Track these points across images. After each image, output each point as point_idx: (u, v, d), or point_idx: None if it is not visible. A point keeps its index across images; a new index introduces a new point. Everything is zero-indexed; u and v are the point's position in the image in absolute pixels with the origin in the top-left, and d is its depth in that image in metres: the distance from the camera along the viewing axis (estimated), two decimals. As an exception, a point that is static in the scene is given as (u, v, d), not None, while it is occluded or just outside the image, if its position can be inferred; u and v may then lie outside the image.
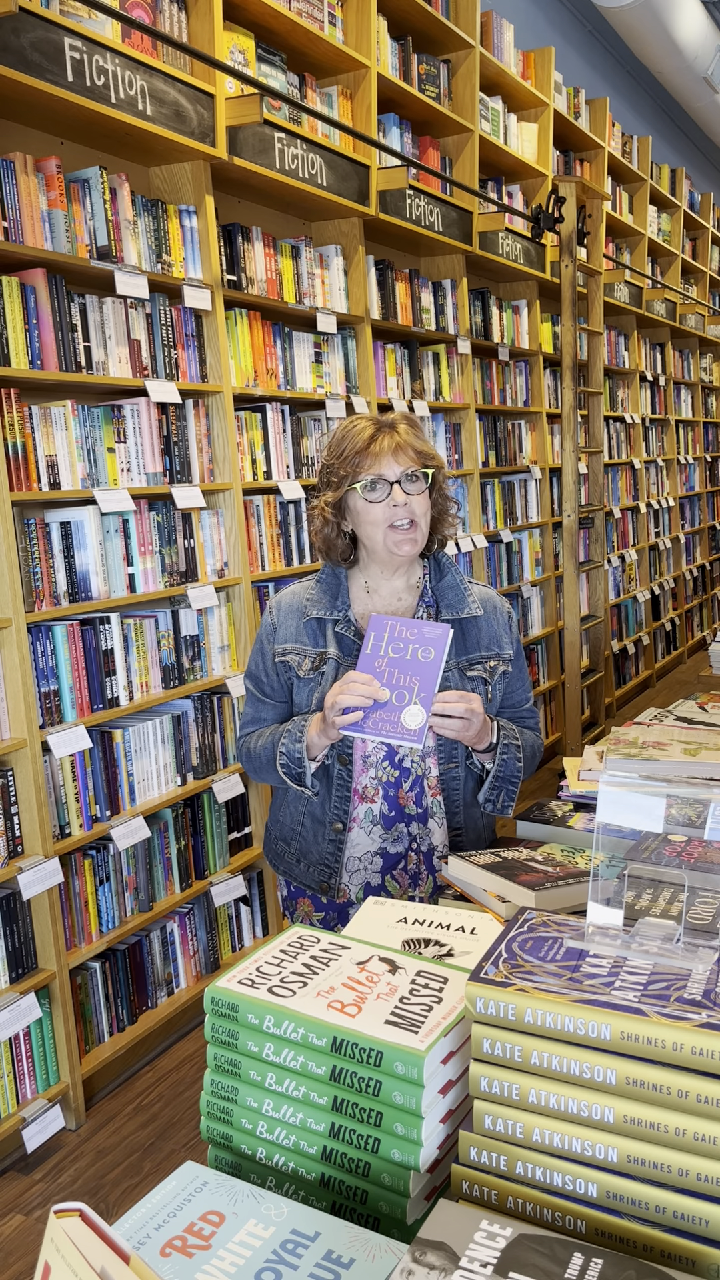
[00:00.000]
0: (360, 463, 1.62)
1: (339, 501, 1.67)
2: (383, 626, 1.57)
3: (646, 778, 0.95)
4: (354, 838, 1.69)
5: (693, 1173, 0.76)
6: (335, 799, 1.67)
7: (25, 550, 2.34)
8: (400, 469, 1.62)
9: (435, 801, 1.68)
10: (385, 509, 1.62)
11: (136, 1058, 2.75)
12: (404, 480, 1.62)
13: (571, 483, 4.59)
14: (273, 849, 1.83)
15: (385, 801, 1.67)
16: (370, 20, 3.49)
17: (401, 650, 1.54)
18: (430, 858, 1.69)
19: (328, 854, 1.70)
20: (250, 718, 1.79)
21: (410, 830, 1.68)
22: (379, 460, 1.62)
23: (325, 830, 1.69)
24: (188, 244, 2.89)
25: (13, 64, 2.18)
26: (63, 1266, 0.61)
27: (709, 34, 6.50)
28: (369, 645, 1.57)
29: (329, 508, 1.68)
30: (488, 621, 1.73)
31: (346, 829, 1.68)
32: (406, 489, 1.62)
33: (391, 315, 3.90)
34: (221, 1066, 0.96)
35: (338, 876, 1.70)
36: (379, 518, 1.63)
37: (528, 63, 4.90)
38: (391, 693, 1.53)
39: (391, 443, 1.62)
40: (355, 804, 1.68)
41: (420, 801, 1.68)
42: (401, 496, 1.61)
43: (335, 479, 1.66)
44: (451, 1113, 0.90)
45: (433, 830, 1.68)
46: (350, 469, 1.63)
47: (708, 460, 8.77)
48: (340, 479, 1.65)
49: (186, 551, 2.88)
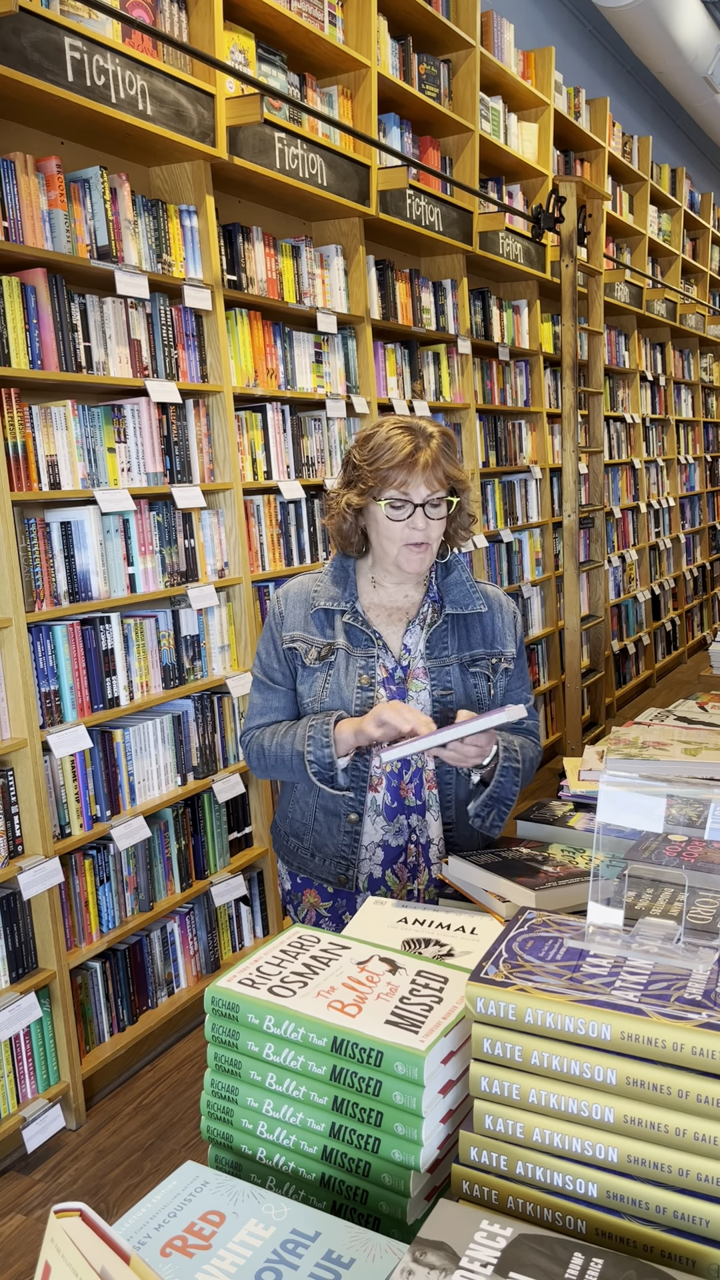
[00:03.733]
0: (391, 478, 1.62)
1: (360, 504, 1.68)
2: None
3: (647, 778, 0.95)
4: (364, 827, 1.70)
5: (693, 1173, 0.76)
6: (351, 789, 1.68)
7: (25, 550, 2.34)
8: (427, 492, 1.63)
9: (432, 795, 1.70)
10: (404, 529, 1.64)
11: (137, 1058, 2.75)
12: (428, 505, 1.63)
13: (572, 483, 4.59)
14: (283, 845, 1.83)
15: (388, 792, 1.69)
16: (370, 20, 3.49)
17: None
18: (428, 850, 1.71)
19: (344, 846, 1.71)
20: (259, 707, 1.79)
21: (410, 822, 1.70)
22: (409, 481, 1.62)
23: (340, 822, 1.70)
24: (188, 244, 2.89)
25: (13, 64, 2.18)
26: (63, 1266, 0.61)
27: (709, 34, 6.50)
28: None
29: (349, 508, 1.69)
30: (492, 619, 1.74)
31: (361, 820, 1.69)
32: (429, 514, 1.64)
33: (392, 315, 3.90)
34: (222, 1066, 0.96)
35: (354, 867, 1.71)
36: (396, 535, 1.65)
37: (528, 63, 4.90)
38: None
39: (424, 460, 1.61)
40: (365, 793, 1.70)
41: (419, 794, 1.70)
42: (422, 521, 1.63)
43: (362, 485, 1.66)
44: (452, 1113, 0.90)
45: (430, 823, 1.70)
46: (379, 481, 1.63)
47: (708, 460, 8.77)
48: (367, 488, 1.65)
49: (187, 551, 2.88)
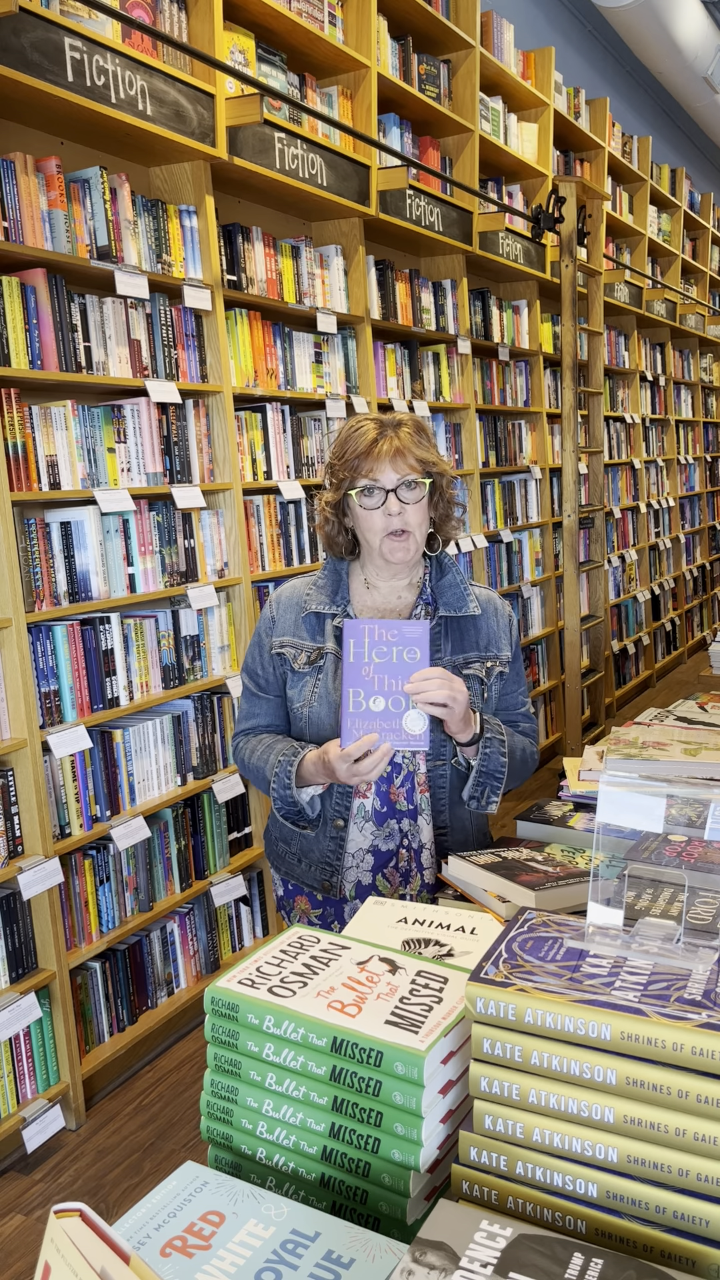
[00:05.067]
0: (359, 466, 1.61)
1: (339, 502, 1.68)
2: (360, 632, 1.53)
3: (646, 778, 0.95)
4: (349, 834, 1.70)
5: (693, 1173, 0.76)
6: (335, 796, 1.68)
7: (25, 550, 2.34)
8: (398, 476, 1.61)
9: (424, 798, 1.69)
10: (380, 516, 1.62)
11: (136, 1058, 2.75)
12: (401, 488, 1.61)
13: (571, 483, 4.59)
14: (273, 849, 1.83)
15: (377, 797, 1.68)
16: (370, 20, 3.49)
17: (386, 654, 1.52)
18: (420, 854, 1.70)
19: (329, 852, 1.70)
20: (245, 713, 1.80)
21: (401, 826, 1.69)
22: (377, 467, 1.60)
23: (326, 828, 1.70)
24: (188, 244, 2.89)
25: (13, 64, 2.18)
26: (63, 1266, 0.61)
27: (709, 34, 6.50)
28: (350, 654, 1.53)
29: (329, 507, 1.69)
30: (486, 622, 1.73)
31: (346, 826, 1.69)
32: (403, 497, 1.61)
33: (391, 315, 3.90)
34: (222, 1066, 0.96)
35: (339, 874, 1.70)
36: (375, 525, 1.63)
37: (528, 63, 4.90)
38: (386, 699, 1.52)
39: (391, 448, 1.60)
40: (350, 799, 1.69)
41: (410, 798, 1.69)
42: (396, 506, 1.60)
43: (335, 480, 1.66)
44: (451, 1113, 0.90)
45: (422, 827, 1.69)
46: (349, 472, 1.63)
47: (708, 460, 8.77)
48: (339, 481, 1.65)
49: (186, 551, 2.88)
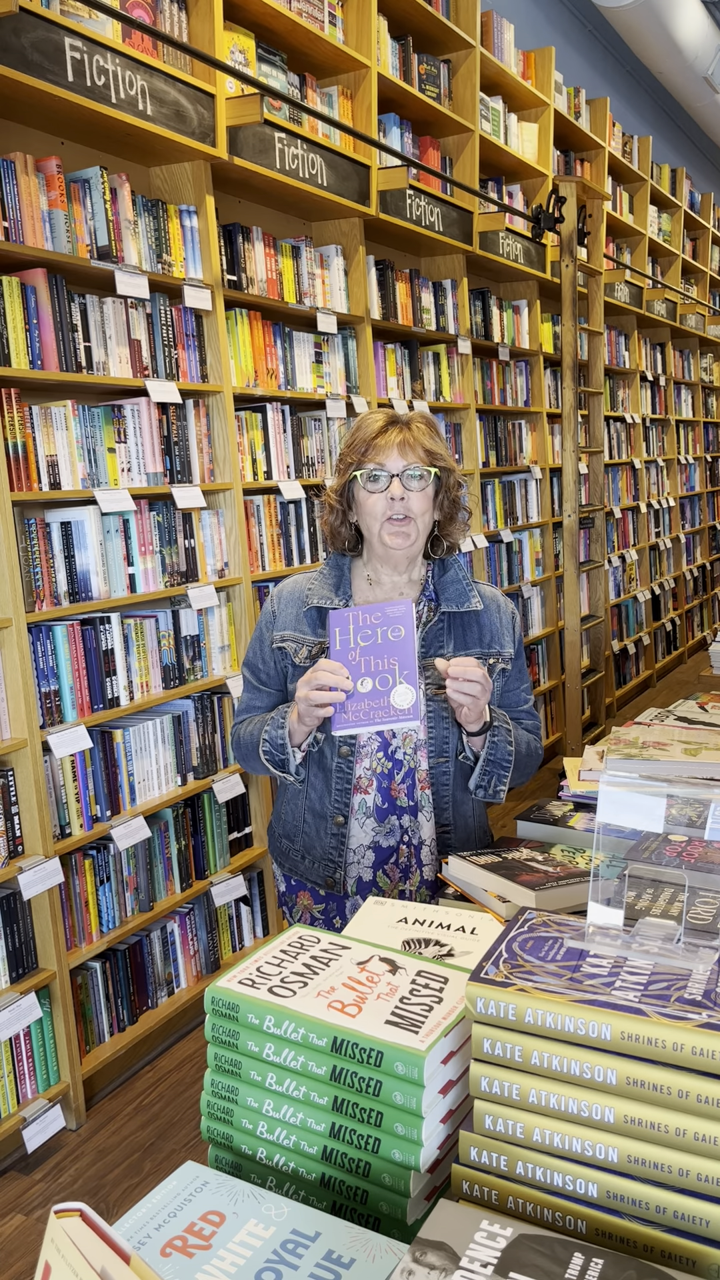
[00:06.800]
0: (366, 452, 1.64)
1: (344, 490, 1.69)
2: (344, 620, 1.55)
3: (647, 778, 0.95)
4: (351, 829, 1.70)
5: (693, 1173, 0.76)
6: (335, 792, 1.68)
7: (25, 550, 2.34)
8: (403, 463, 1.63)
9: (425, 795, 1.69)
10: (383, 501, 1.63)
11: (137, 1058, 2.75)
12: (405, 475, 1.63)
13: (572, 483, 4.59)
14: (277, 846, 1.84)
15: (379, 793, 1.68)
16: (370, 20, 3.49)
17: (371, 636, 1.53)
18: (420, 851, 1.70)
19: (331, 848, 1.71)
20: (244, 705, 1.81)
21: (401, 823, 1.69)
22: (383, 452, 1.63)
23: (327, 824, 1.70)
24: (188, 244, 2.89)
25: (13, 64, 2.18)
26: (63, 1266, 0.61)
27: (709, 34, 6.50)
28: (335, 641, 1.54)
29: (334, 494, 1.70)
30: (489, 618, 1.73)
31: (347, 822, 1.69)
32: (406, 484, 1.63)
33: (392, 315, 3.90)
34: (222, 1066, 0.96)
35: (341, 870, 1.71)
36: (377, 510, 1.64)
37: (528, 63, 4.90)
38: (374, 679, 1.52)
39: (399, 437, 1.63)
40: (351, 795, 1.69)
41: (411, 794, 1.69)
42: (399, 490, 1.62)
43: (343, 466, 1.69)
44: (452, 1113, 0.90)
45: (422, 824, 1.70)
46: (356, 457, 1.65)
47: (708, 460, 8.76)
48: (346, 466, 1.67)
49: (187, 551, 2.88)
